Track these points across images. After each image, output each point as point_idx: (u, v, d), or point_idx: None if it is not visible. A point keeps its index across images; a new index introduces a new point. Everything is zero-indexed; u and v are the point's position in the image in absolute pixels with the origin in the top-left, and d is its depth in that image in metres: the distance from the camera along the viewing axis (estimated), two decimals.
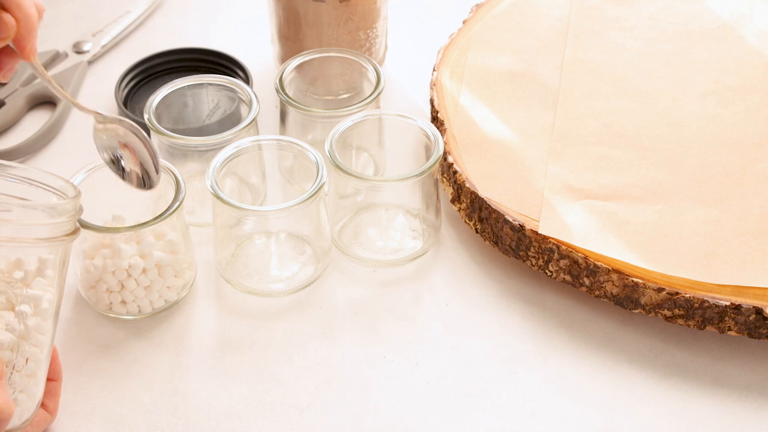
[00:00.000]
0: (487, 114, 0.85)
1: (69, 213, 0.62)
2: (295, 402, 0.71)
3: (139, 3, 1.04)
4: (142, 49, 0.98)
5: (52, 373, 0.67)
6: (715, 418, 0.70)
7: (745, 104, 0.85)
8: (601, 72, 0.89)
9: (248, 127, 0.80)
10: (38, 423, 0.67)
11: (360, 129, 0.81)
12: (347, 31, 0.89)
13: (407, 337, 0.75)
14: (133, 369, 0.73)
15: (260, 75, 0.94)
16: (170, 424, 0.70)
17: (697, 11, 0.94)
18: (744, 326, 0.71)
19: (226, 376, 0.73)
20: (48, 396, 0.67)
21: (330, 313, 0.77)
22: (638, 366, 0.73)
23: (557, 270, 0.76)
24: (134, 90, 0.93)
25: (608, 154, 0.82)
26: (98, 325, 0.76)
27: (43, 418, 0.67)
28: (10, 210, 0.59)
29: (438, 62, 0.90)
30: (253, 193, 0.83)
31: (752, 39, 0.91)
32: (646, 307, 0.73)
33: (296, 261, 0.79)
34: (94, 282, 0.74)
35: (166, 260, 0.74)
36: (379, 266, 0.80)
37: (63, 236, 0.62)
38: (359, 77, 0.88)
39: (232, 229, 0.77)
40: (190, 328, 0.76)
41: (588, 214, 0.77)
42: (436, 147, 0.77)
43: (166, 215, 0.72)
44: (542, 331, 0.76)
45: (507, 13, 0.94)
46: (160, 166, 0.72)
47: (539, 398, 0.71)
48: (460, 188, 0.80)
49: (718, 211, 0.77)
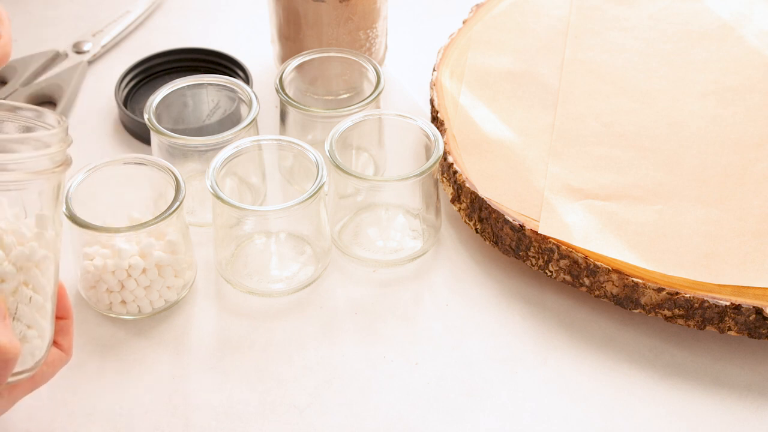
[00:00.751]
0: (487, 114, 0.85)
1: (59, 142, 0.60)
2: (295, 402, 0.71)
3: (139, 3, 1.04)
4: (142, 49, 0.98)
5: (61, 311, 0.65)
6: (715, 418, 0.70)
7: (745, 104, 0.85)
8: (601, 72, 0.89)
9: (248, 127, 0.80)
10: (53, 362, 0.65)
11: (360, 129, 0.81)
12: (347, 31, 0.89)
13: (407, 337, 0.75)
14: (133, 369, 0.73)
15: (260, 75, 0.94)
16: (170, 424, 0.70)
17: (697, 11, 0.94)
18: (744, 326, 0.71)
19: (226, 376, 0.73)
20: (60, 334, 0.65)
21: (330, 313, 0.77)
22: (638, 366, 0.73)
23: (557, 270, 0.76)
24: (134, 90, 0.93)
25: (608, 154, 0.82)
26: (98, 325, 0.76)
27: (58, 357, 0.65)
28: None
29: (438, 62, 0.90)
30: (253, 193, 0.83)
31: (752, 39, 0.91)
32: (646, 307, 0.73)
33: (296, 261, 0.79)
34: (94, 282, 0.74)
35: (166, 260, 0.74)
36: (379, 266, 0.80)
37: (55, 167, 0.60)
38: (359, 77, 0.88)
39: (232, 229, 0.77)
40: (190, 328, 0.76)
41: (588, 214, 0.77)
42: (436, 147, 0.77)
43: (166, 215, 0.72)
44: (542, 331, 0.76)
45: (507, 13, 0.94)
46: None
47: (539, 398, 0.71)
48: (460, 188, 0.80)
49: (718, 211, 0.77)
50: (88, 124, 0.92)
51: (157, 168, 0.75)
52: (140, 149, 0.89)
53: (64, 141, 0.61)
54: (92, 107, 0.94)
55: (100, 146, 0.90)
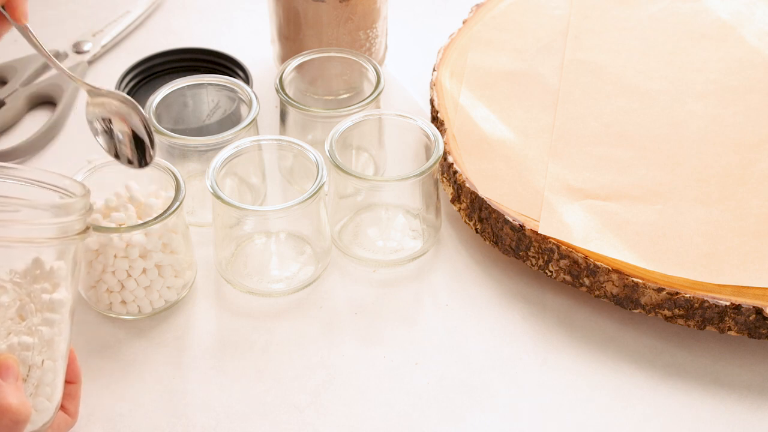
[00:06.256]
0: (487, 114, 0.85)
1: (78, 211, 0.62)
2: (295, 402, 0.71)
3: (139, 3, 1.04)
4: (142, 49, 0.98)
5: (70, 375, 0.66)
6: (715, 418, 0.70)
7: (745, 104, 0.85)
8: (601, 72, 0.89)
9: (248, 127, 0.80)
10: (59, 426, 0.66)
11: (360, 129, 0.81)
12: (347, 31, 0.89)
13: (407, 337, 0.75)
14: (133, 369, 0.73)
15: (260, 75, 0.93)
16: (170, 424, 0.70)
17: (697, 11, 0.94)
18: (744, 326, 0.71)
19: (226, 376, 0.73)
20: (68, 399, 0.67)
21: (330, 313, 0.77)
22: (638, 366, 0.73)
23: (557, 270, 0.76)
24: (134, 90, 0.93)
25: (608, 154, 0.82)
26: (98, 325, 0.76)
27: (63, 420, 0.66)
28: (18, 210, 0.59)
29: (438, 62, 0.90)
30: (253, 193, 0.83)
31: (752, 39, 0.91)
32: (646, 307, 0.73)
33: (296, 261, 0.79)
34: (94, 282, 0.74)
35: (166, 260, 0.74)
36: (379, 266, 0.80)
37: (74, 235, 0.62)
38: (359, 77, 0.88)
39: (232, 229, 0.77)
40: (190, 328, 0.76)
41: (588, 214, 0.77)
42: (436, 147, 0.77)
43: (166, 215, 0.72)
44: (542, 331, 0.76)
45: (507, 13, 0.94)
46: (155, 143, 0.71)
47: (539, 398, 0.71)
48: (460, 188, 0.80)
49: (718, 211, 0.77)
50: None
51: (157, 168, 0.75)
52: None
53: (86, 209, 0.63)
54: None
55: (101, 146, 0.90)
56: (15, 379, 0.58)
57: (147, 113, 0.79)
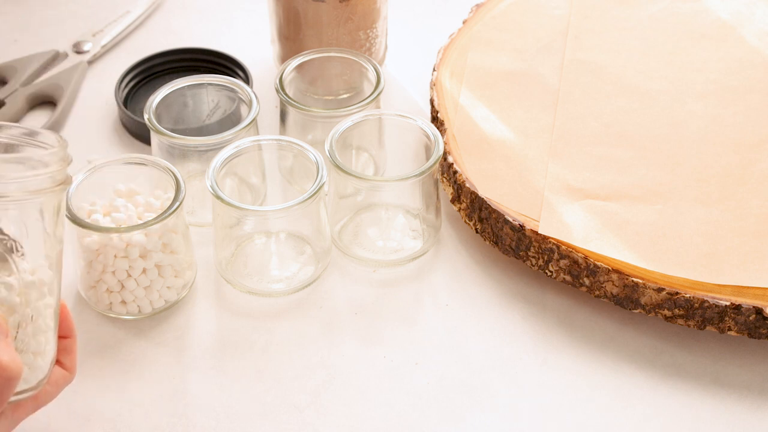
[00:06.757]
0: (487, 114, 0.85)
1: (59, 161, 0.60)
2: (295, 402, 0.71)
3: (139, 3, 1.04)
4: (142, 49, 0.98)
5: (63, 329, 0.65)
6: (715, 418, 0.70)
7: (745, 104, 0.85)
8: (601, 72, 0.89)
9: (248, 127, 0.80)
10: (56, 382, 0.65)
11: (360, 129, 0.81)
12: (347, 31, 0.89)
13: (407, 337, 0.75)
14: (133, 369, 0.73)
15: (260, 75, 0.94)
16: (170, 424, 0.70)
17: (697, 11, 0.94)
18: (744, 326, 0.71)
19: (226, 376, 0.73)
20: (63, 353, 0.65)
21: (330, 313, 0.77)
22: (638, 366, 0.73)
23: (557, 270, 0.76)
24: (134, 90, 0.93)
25: (608, 154, 0.82)
26: (98, 325, 0.76)
27: (61, 376, 0.65)
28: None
29: (438, 62, 0.90)
30: (253, 193, 0.83)
31: (752, 39, 0.91)
32: (646, 307, 0.73)
33: (296, 261, 0.79)
34: (94, 282, 0.74)
35: (166, 260, 0.74)
36: (379, 266, 0.80)
37: (55, 186, 0.60)
38: (359, 77, 0.88)
39: (232, 229, 0.77)
40: (190, 328, 0.76)
41: (588, 214, 0.77)
42: (436, 147, 0.77)
43: (166, 215, 0.72)
44: (542, 331, 0.76)
45: (507, 13, 0.94)
46: None
47: (539, 398, 0.71)
48: (460, 188, 0.80)
49: (718, 211, 0.77)
50: (88, 124, 0.92)
51: (157, 168, 0.75)
52: (140, 149, 0.89)
53: (64, 160, 0.61)
54: (92, 107, 0.94)
55: (100, 146, 0.90)
56: (4, 336, 0.57)
57: (147, 113, 0.80)
